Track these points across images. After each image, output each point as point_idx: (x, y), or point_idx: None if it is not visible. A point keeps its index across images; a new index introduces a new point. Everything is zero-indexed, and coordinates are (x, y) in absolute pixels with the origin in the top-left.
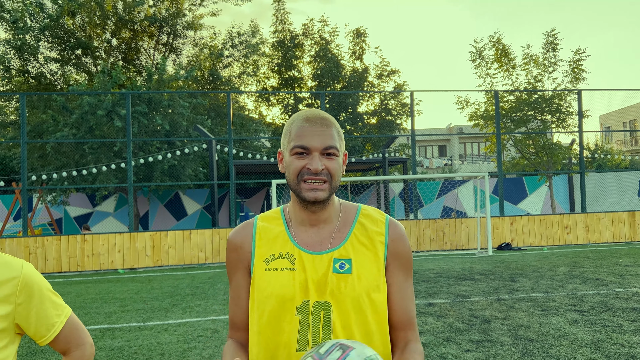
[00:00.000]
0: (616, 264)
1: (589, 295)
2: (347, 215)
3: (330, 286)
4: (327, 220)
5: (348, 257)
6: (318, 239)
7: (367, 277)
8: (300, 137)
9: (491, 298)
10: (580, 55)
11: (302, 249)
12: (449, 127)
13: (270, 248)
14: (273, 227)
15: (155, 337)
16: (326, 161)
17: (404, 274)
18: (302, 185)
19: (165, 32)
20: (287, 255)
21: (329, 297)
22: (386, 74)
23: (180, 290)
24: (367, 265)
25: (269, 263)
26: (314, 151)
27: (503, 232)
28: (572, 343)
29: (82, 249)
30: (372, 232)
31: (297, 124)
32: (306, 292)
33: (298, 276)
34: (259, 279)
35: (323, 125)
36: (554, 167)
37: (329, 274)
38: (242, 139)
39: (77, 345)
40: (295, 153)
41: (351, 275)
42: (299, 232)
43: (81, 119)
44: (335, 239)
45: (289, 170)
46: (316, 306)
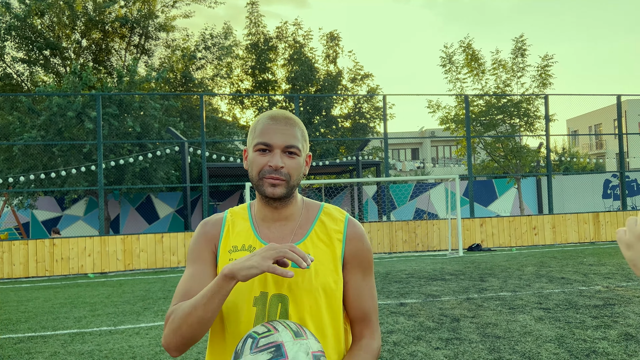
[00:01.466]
0: (581, 264)
1: (554, 294)
2: (309, 213)
3: (288, 280)
4: (289, 217)
5: (307, 252)
6: (280, 235)
7: (323, 273)
8: (264, 134)
9: (461, 297)
10: (547, 61)
11: (263, 242)
12: (422, 130)
13: (234, 240)
14: (239, 221)
15: (127, 341)
16: (287, 159)
17: (361, 272)
18: (262, 182)
19: (137, 34)
20: (250, 248)
21: (286, 290)
22: (360, 77)
23: (152, 294)
24: (324, 262)
25: (231, 253)
26: (275, 148)
27: (473, 233)
28: (537, 339)
29: (50, 253)
30: (331, 230)
31: (262, 122)
32: (264, 285)
33: None
34: (221, 267)
35: (287, 124)
36: (522, 169)
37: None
38: (215, 141)
39: None
40: (258, 150)
41: (309, 271)
42: (262, 228)
43: (50, 121)
44: (296, 235)
45: (252, 167)
46: (274, 298)
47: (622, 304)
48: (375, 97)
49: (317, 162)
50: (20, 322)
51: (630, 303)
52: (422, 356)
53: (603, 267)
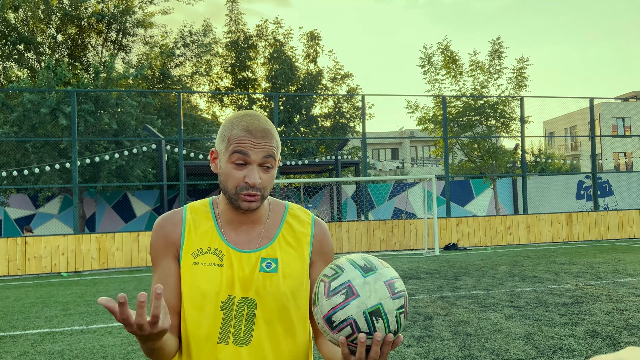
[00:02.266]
0: (553, 263)
1: (526, 292)
2: (275, 215)
3: (256, 284)
4: (256, 220)
5: (275, 256)
6: (247, 238)
7: (292, 276)
8: (240, 147)
9: (435, 296)
10: (523, 64)
11: (230, 246)
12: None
13: (198, 242)
14: (202, 220)
15: (98, 340)
16: (263, 174)
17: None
18: (239, 196)
19: (114, 30)
20: (216, 251)
21: (254, 294)
22: (340, 77)
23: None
24: (292, 265)
25: (196, 257)
26: (252, 163)
27: (449, 232)
28: (506, 337)
29: (22, 251)
30: (298, 233)
31: (238, 132)
32: (232, 289)
33: (225, 272)
34: (186, 271)
35: (264, 136)
36: (498, 170)
37: (255, 272)
38: (193, 139)
39: None
40: (234, 162)
41: (277, 275)
42: (228, 230)
43: (23, 117)
44: (263, 239)
45: (227, 179)
46: (241, 302)
47: (590, 302)
48: (355, 97)
49: (296, 161)
50: None
51: (597, 301)
52: (393, 353)
53: (574, 266)
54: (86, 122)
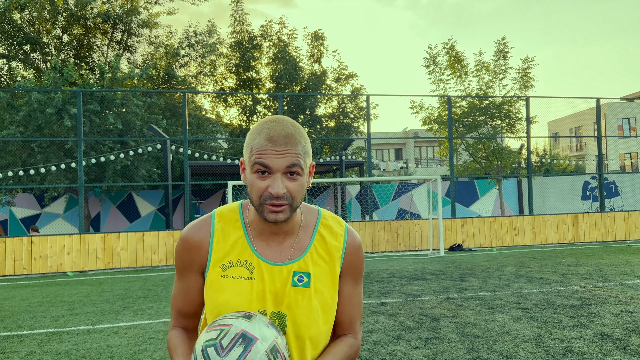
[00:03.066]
0: (559, 264)
1: (533, 294)
2: (307, 224)
3: (288, 299)
4: (287, 232)
5: (307, 270)
6: (278, 250)
7: (322, 292)
8: (262, 155)
9: (441, 297)
10: (528, 64)
11: (261, 258)
12: (405, 131)
13: (228, 253)
14: (232, 230)
15: (105, 340)
16: (288, 182)
17: (353, 282)
18: (263, 207)
19: (120, 30)
20: (246, 264)
21: (286, 309)
22: (344, 77)
23: (132, 293)
24: (324, 280)
25: (225, 269)
26: (275, 172)
27: (454, 233)
28: (514, 339)
29: (28, 251)
30: (331, 247)
31: (259, 140)
32: (263, 303)
33: (256, 286)
34: (214, 283)
35: (287, 144)
36: (503, 171)
37: (287, 286)
38: (198, 139)
39: None
40: (257, 171)
41: (309, 290)
42: (258, 241)
43: (29, 117)
44: (295, 251)
45: (251, 189)
46: (272, 315)
47: (599, 304)
48: (359, 97)
49: None
50: None
51: (606, 303)
52: (401, 355)
53: (581, 268)
54: (91, 122)
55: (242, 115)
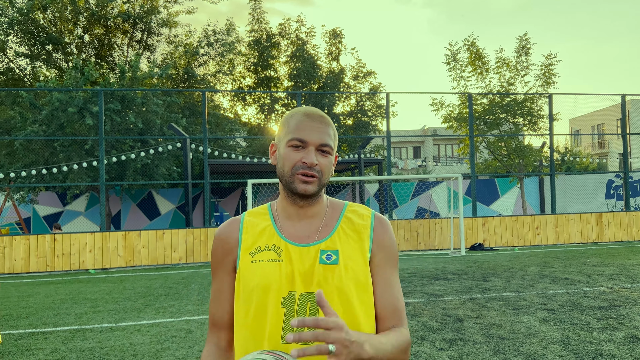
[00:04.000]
0: (584, 264)
1: (558, 295)
2: (333, 210)
3: (317, 277)
4: (314, 215)
5: (335, 248)
6: (305, 233)
7: (353, 268)
8: (299, 130)
9: (464, 297)
10: (551, 60)
11: (288, 241)
12: (424, 128)
13: (256, 241)
14: (260, 221)
15: (128, 338)
16: (320, 157)
17: (389, 267)
18: (295, 177)
19: (139, 29)
20: (274, 247)
21: (316, 288)
22: (362, 75)
23: (153, 291)
24: (353, 257)
25: (254, 255)
26: (310, 145)
27: (475, 232)
28: (542, 341)
29: (51, 248)
30: (358, 225)
31: (297, 117)
32: (292, 284)
33: (284, 268)
34: (245, 270)
35: (322, 122)
36: (525, 169)
37: (315, 265)
38: (217, 137)
39: None
40: (292, 145)
41: (338, 266)
42: (286, 226)
43: (51, 116)
44: (322, 232)
45: (284, 162)
46: (302, 297)
47: (627, 306)
48: (378, 95)
49: None
50: (21, 318)
51: (635, 305)
52: (426, 357)
53: (607, 268)
54: (112, 121)
55: (260, 114)
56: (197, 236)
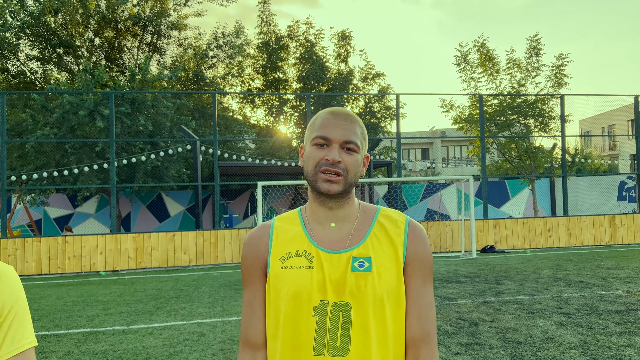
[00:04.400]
0: (598, 267)
1: (574, 298)
2: (365, 215)
3: (350, 285)
4: (345, 218)
5: (367, 255)
6: (336, 238)
7: (387, 277)
8: (322, 128)
9: (478, 301)
10: (562, 61)
11: (319, 247)
12: (432, 130)
13: (286, 246)
14: (290, 227)
15: (140, 341)
16: (345, 155)
17: (422, 278)
18: (318, 176)
19: (149, 32)
20: (305, 254)
21: (348, 296)
22: (371, 77)
23: (165, 293)
24: (387, 265)
25: (284, 261)
26: (334, 143)
27: (487, 234)
28: (559, 345)
29: (62, 250)
30: (391, 232)
31: (322, 116)
32: (324, 292)
33: (316, 275)
34: (275, 277)
35: (347, 119)
36: (536, 170)
37: (347, 272)
38: (226, 140)
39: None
40: (316, 144)
41: (371, 274)
42: (316, 231)
43: (62, 119)
44: (353, 238)
45: (308, 161)
46: (335, 307)
47: None
48: (386, 97)
49: None
50: (33, 320)
51: None
52: None
53: (622, 271)
54: (123, 123)
55: (269, 116)
56: (207, 238)
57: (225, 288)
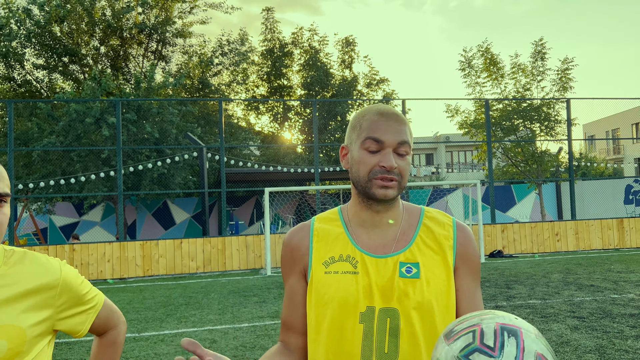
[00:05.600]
0: (608, 271)
1: (586, 302)
2: (410, 217)
3: (398, 292)
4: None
5: (415, 260)
6: (381, 242)
7: (436, 282)
8: (374, 130)
9: (489, 305)
10: (567, 64)
11: (364, 251)
12: (436, 135)
13: (329, 250)
14: (331, 227)
15: (152, 348)
16: (398, 159)
17: (473, 280)
18: (372, 183)
19: (154, 40)
20: (348, 258)
21: (396, 303)
22: (375, 82)
23: (174, 300)
24: (435, 270)
25: (328, 266)
26: (387, 146)
27: (494, 239)
28: (575, 350)
29: (70, 258)
30: (439, 235)
31: (370, 117)
32: (370, 298)
33: (361, 280)
34: (318, 282)
35: (397, 120)
36: (543, 175)
37: (395, 278)
38: (232, 146)
39: (112, 327)
40: (367, 148)
41: (419, 280)
42: (359, 234)
43: (68, 127)
44: (399, 242)
45: (359, 166)
46: (382, 313)
47: None
48: (391, 102)
49: (333, 167)
50: None
51: None
52: None
53: (632, 275)
54: (129, 131)
55: (274, 123)
56: (214, 245)
57: (235, 295)
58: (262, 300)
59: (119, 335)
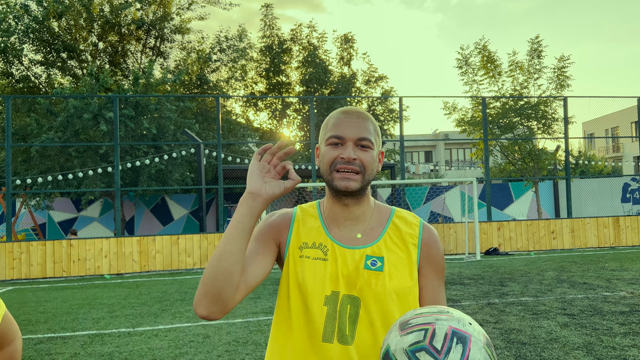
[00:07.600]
0: (602, 269)
1: (578, 299)
2: (380, 215)
3: (361, 282)
4: (360, 217)
5: (380, 255)
6: (351, 234)
7: (398, 278)
8: (336, 127)
9: (482, 302)
10: (564, 62)
11: (335, 241)
12: (435, 133)
13: (305, 236)
14: (309, 218)
15: (146, 343)
16: (360, 152)
17: (436, 278)
18: (334, 175)
19: (153, 36)
20: (320, 246)
21: (358, 292)
22: (374, 80)
23: (169, 296)
24: (399, 266)
25: (302, 250)
26: (348, 141)
27: (490, 237)
28: (564, 346)
29: (67, 254)
30: (405, 234)
31: (335, 116)
32: (336, 284)
33: (329, 267)
34: (293, 265)
35: (359, 117)
36: (540, 173)
37: (360, 269)
38: (230, 143)
39: (9, 342)
40: (330, 143)
41: (382, 274)
42: (332, 226)
43: (66, 122)
44: (368, 237)
45: (323, 160)
46: (345, 299)
47: None
48: (390, 100)
49: None
50: (39, 323)
51: None
52: None
53: (626, 273)
54: (127, 127)
55: (272, 119)
56: (211, 241)
57: None
58: (257, 296)
59: (15, 351)
